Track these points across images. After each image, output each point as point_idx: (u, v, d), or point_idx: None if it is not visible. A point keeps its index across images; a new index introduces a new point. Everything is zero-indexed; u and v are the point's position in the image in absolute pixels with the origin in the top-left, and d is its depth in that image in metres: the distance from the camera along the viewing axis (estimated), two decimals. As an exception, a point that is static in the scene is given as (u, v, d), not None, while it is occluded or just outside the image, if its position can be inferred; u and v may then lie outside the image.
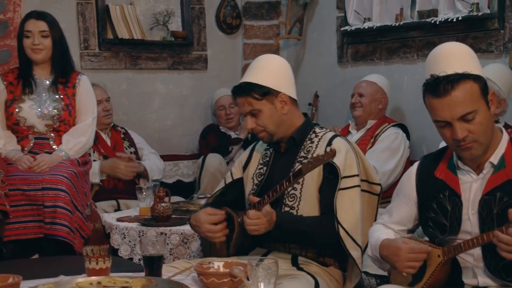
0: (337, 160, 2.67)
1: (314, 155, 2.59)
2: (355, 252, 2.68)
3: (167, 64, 5.34)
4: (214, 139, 5.12)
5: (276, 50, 5.55)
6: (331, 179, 2.70)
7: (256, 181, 2.89)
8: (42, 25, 3.87)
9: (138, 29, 5.10)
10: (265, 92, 2.78)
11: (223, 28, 5.55)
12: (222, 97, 5.21)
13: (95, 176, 4.36)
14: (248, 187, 2.92)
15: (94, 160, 4.43)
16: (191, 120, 5.46)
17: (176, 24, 5.34)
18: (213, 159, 4.85)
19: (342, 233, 2.66)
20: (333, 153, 2.49)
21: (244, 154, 3.03)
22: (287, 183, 2.55)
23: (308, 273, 2.68)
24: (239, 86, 2.83)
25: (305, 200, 2.76)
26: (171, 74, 5.38)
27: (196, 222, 2.84)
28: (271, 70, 2.83)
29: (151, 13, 5.24)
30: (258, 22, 5.63)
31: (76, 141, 3.91)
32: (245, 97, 2.80)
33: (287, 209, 2.76)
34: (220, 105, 5.21)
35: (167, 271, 2.53)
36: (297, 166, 2.76)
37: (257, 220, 2.59)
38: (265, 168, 2.89)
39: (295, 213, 2.75)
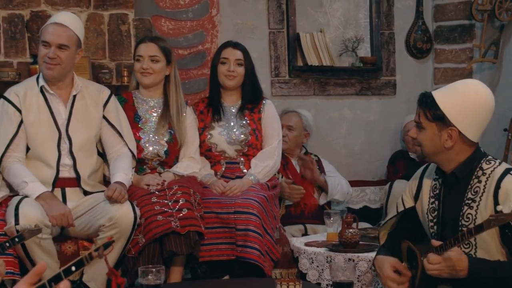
0: None
1: (498, 208, 2.36)
2: None
3: (355, 90, 5.34)
4: (403, 165, 5.01)
5: (468, 74, 5.35)
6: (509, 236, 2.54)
7: (430, 217, 2.79)
8: (238, 54, 4.06)
9: (327, 56, 5.16)
10: (438, 117, 2.64)
11: (413, 52, 5.45)
12: (410, 122, 5.11)
13: None
14: (424, 222, 2.82)
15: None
16: (379, 146, 5.40)
17: (365, 50, 5.34)
18: (401, 186, 4.73)
19: None
20: None
21: (414, 182, 2.91)
22: (468, 235, 2.43)
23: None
24: (424, 93, 2.74)
25: (481, 248, 2.63)
26: (359, 99, 5.37)
27: (379, 270, 2.80)
28: (461, 100, 2.66)
29: (341, 39, 5.28)
30: (450, 45, 5.46)
31: (264, 164, 4.02)
32: (420, 107, 2.70)
33: None
34: (407, 129, 5.11)
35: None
36: (466, 210, 2.63)
37: (438, 265, 2.51)
38: (437, 203, 2.77)
39: None
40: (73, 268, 1.74)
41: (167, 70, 3.96)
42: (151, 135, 3.90)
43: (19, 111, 3.60)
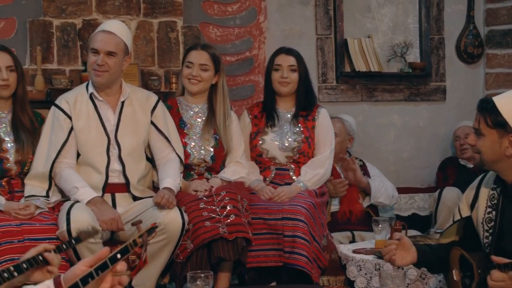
0: None
1: None
2: None
3: (404, 96, 5.29)
4: (453, 172, 4.94)
5: (521, 79, 5.25)
6: None
7: (486, 227, 2.72)
8: (291, 60, 4.06)
9: (375, 62, 5.13)
10: (499, 123, 2.57)
11: (463, 57, 5.37)
12: (460, 127, 5.05)
13: None
14: (479, 231, 2.75)
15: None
16: (428, 152, 5.33)
17: (414, 55, 5.29)
18: (451, 193, 4.67)
19: None
20: None
21: (470, 190, 2.84)
22: None
23: None
24: (484, 99, 2.68)
25: None
26: (408, 105, 5.31)
27: None
28: None
29: (389, 45, 5.24)
30: (502, 50, 5.36)
31: (314, 172, 4.01)
32: (480, 113, 2.63)
33: None
34: (456, 135, 5.05)
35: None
36: None
37: (502, 282, 2.44)
38: (494, 213, 2.69)
39: None
40: (119, 256, 1.77)
41: (214, 79, 3.98)
42: (196, 141, 3.93)
43: (70, 118, 3.67)
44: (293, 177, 4.02)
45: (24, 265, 2.11)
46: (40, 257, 1.77)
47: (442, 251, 2.86)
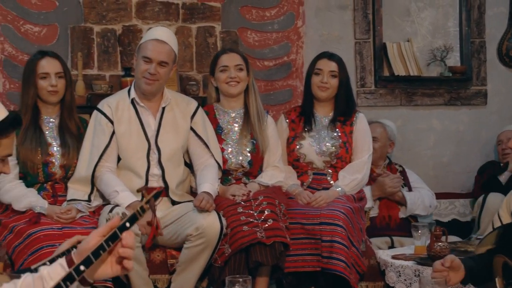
0: None
1: None
2: None
3: (444, 100, 5.23)
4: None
5: None
6: None
7: None
8: (333, 65, 4.05)
9: (414, 66, 5.09)
10: None
11: (505, 61, 5.29)
12: (504, 132, 4.98)
13: (368, 201, 4.25)
14: None
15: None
16: (468, 157, 5.26)
17: (454, 59, 5.23)
18: (495, 199, 4.58)
19: None
20: None
21: (510, 197, 2.80)
22: None
23: None
24: None
25: None
26: (448, 110, 5.25)
27: None
28: None
29: (429, 49, 5.19)
30: (545, 53, 5.28)
31: (352, 177, 3.99)
32: None
33: None
34: (499, 139, 4.98)
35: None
36: None
37: None
38: None
39: None
40: (128, 224, 1.76)
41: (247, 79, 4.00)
42: (234, 146, 3.94)
43: (111, 122, 3.72)
44: (331, 182, 4.01)
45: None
46: (74, 250, 1.78)
47: (483, 261, 2.82)
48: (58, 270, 1.75)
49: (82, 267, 1.69)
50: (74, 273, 1.69)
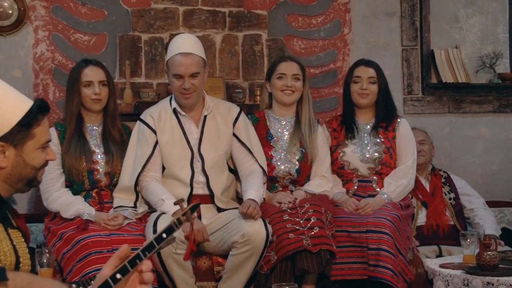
0: None
1: None
2: None
3: (493, 107, 5.16)
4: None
5: None
6: None
7: None
8: (371, 72, 4.04)
9: (463, 73, 5.02)
10: None
11: (556, 67, 5.20)
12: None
13: None
14: None
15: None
16: (519, 165, 5.17)
17: (503, 66, 5.15)
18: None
19: None
20: None
21: None
22: None
23: None
24: None
25: None
26: (497, 117, 5.17)
27: None
28: None
29: (477, 55, 5.13)
30: None
31: (397, 183, 3.96)
32: None
33: None
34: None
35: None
36: None
37: None
38: None
39: None
40: (164, 235, 1.77)
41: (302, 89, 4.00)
42: (282, 154, 3.94)
43: (154, 132, 3.76)
44: (377, 189, 3.98)
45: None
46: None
47: None
48: None
49: (118, 276, 1.71)
50: (111, 281, 1.70)
